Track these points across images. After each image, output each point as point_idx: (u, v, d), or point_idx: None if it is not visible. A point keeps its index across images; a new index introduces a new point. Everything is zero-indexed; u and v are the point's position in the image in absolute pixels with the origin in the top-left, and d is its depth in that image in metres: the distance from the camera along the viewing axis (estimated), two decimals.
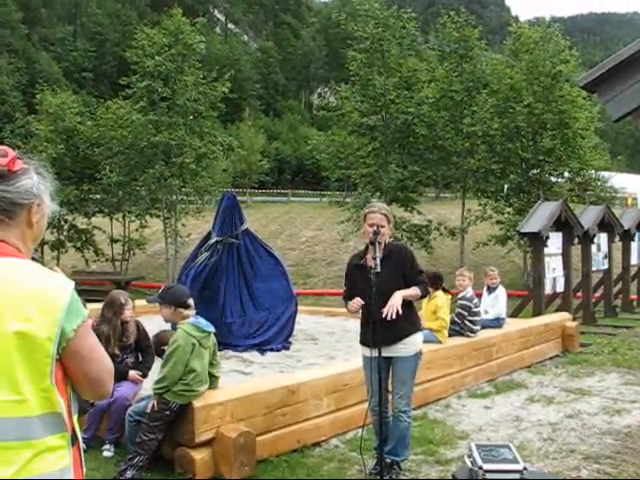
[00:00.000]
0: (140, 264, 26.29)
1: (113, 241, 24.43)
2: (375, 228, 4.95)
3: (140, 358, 6.39)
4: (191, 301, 5.55)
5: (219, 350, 5.95)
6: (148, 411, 5.26)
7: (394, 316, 4.80)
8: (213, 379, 5.55)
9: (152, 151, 22.09)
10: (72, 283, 1.89)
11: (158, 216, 23.54)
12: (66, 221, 24.04)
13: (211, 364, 5.50)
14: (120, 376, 6.10)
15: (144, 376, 6.26)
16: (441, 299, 7.65)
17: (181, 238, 22.95)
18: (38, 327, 1.76)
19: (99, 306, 6.50)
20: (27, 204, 1.93)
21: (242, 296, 9.98)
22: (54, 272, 1.94)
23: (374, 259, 4.81)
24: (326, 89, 79.79)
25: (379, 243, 4.90)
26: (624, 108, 4.88)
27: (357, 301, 4.95)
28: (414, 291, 5.10)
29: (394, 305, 4.83)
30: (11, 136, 23.75)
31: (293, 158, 60.03)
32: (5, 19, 57.89)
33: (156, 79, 21.93)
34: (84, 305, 1.94)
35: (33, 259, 1.97)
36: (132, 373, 6.15)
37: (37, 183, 1.96)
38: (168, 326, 6.59)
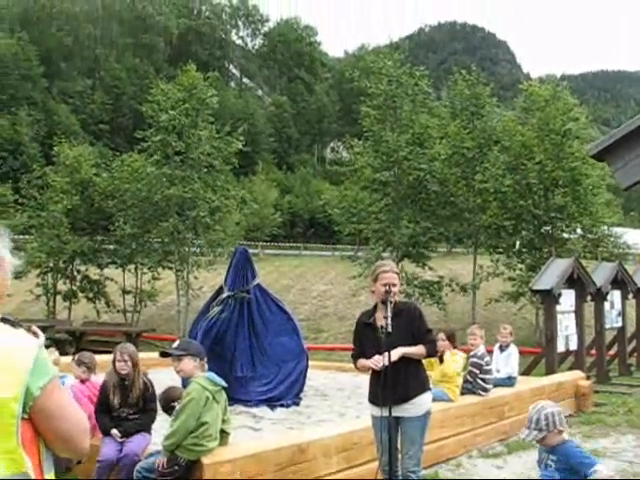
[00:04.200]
0: (151, 316, 26.26)
1: (125, 292, 24.48)
2: (387, 287, 4.96)
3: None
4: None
5: (229, 405, 5.92)
6: (157, 467, 5.23)
7: (385, 363, 4.77)
8: (224, 435, 5.51)
9: (166, 204, 22.30)
10: (39, 342, 1.89)
11: (170, 268, 23.60)
12: (79, 271, 24.17)
13: (223, 420, 5.47)
14: (103, 432, 6.01)
15: (124, 435, 6.03)
16: (460, 358, 7.67)
17: (193, 290, 22.97)
18: (3, 388, 1.76)
19: (108, 357, 6.46)
20: None
21: (253, 351, 9.97)
22: (22, 331, 1.93)
23: (385, 318, 4.81)
24: (339, 144, 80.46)
25: (390, 302, 4.91)
26: (633, 177, 4.93)
27: (377, 359, 4.91)
28: (419, 350, 5.08)
29: (391, 356, 4.80)
30: (28, 186, 24.05)
31: (305, 212, 60.32)
32: (27, 73, 59.13)
33: (170, 133, 22.26)
34: (56, 362, 1.92)
35: (6, 320, 1.96)
36: (113, 431, 6.01)
37: None
38: (176, 381, 6.57)
